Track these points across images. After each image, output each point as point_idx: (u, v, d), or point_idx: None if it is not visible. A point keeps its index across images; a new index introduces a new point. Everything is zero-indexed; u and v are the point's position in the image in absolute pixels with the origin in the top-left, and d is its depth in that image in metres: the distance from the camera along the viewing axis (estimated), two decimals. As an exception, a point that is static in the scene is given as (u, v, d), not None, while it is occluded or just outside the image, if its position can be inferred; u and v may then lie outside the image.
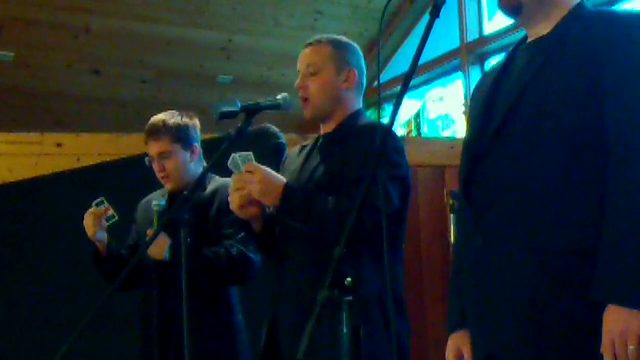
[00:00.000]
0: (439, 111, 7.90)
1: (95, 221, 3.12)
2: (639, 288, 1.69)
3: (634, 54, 1.84)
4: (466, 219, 2.06)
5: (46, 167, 5.06)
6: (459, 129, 7.47)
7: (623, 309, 1.69)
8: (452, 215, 5.41)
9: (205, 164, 3.25)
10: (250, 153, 2.52)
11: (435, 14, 1.86)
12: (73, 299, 4.06)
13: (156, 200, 3.11)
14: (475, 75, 7.26)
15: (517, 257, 1.87)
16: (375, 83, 7.14)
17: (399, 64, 7.99)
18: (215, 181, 3.21)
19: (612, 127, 1.80)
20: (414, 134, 7.91)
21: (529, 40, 2.07)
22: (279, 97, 2.64)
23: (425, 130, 7.94)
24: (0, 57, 7.03)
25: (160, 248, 2.97)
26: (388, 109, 7.70)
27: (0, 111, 7.24)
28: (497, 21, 7.14)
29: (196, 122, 3.29)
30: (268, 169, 2.49)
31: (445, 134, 7.68)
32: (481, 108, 2.07)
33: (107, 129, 6.58)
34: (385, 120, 2.48)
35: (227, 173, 2.76)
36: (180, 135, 3.19)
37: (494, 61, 7.21)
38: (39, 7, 6.76)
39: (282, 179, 2.49)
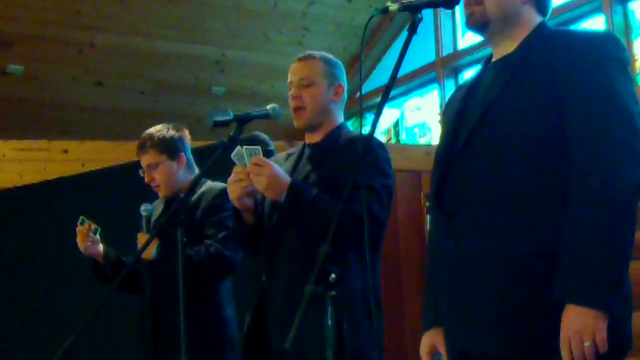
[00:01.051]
0: (417, 120, 7.91)
1: (84, 238, 3.16)
2: (596, 289, 1.70)
3: (591, 71, 1.85)
4: (438, 222, 2.05)
5: (53, 172, 5.06)
6: (435, 137, 7.48)
7: (580, 308, 1.70)
8: (428, 217, 5.42)
9: (197, 170, 3.24)
10: (259, 147, 2.49)
11: (412, 31, 1.88)
12: (78, 299, 4.03)
13: (144, 206, 3.10)
14: (450, 87, 7.28)
15: (486, 259, 1.87)
16: (358, 94, 7.14)
17: (380, 76, 7.98)
18: (205, 185, 3.20)
19: (574, 138, 1.82)
20: (393, 141, 7.91)
21: (495, 58, 2.08)
22: (268, 107, 2.64)
23: (403, 137, 7.94)
24: (11, 71, 7.02)
25: (149, 248, 2.93)
26: (369, 118, 7.69)
27: (10, 120, 7.22)
28: (470, 37, 7.16)
29: (184, 133, 3.28)
30: (276, 165, 2.48)
31: (422, 141, 7.69)
32: (454, 118, 2.07)
33: (110, 136, 6.57)
34: (367, 128, 2.48)
35: (221, 177, 2.74)
36: (165, 147, 3.19)
37: (467, 73, 7.25)
38: (47, 25, 6.75)
39: (287, 176, 2.48)
